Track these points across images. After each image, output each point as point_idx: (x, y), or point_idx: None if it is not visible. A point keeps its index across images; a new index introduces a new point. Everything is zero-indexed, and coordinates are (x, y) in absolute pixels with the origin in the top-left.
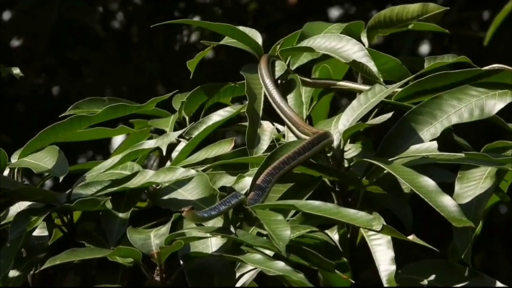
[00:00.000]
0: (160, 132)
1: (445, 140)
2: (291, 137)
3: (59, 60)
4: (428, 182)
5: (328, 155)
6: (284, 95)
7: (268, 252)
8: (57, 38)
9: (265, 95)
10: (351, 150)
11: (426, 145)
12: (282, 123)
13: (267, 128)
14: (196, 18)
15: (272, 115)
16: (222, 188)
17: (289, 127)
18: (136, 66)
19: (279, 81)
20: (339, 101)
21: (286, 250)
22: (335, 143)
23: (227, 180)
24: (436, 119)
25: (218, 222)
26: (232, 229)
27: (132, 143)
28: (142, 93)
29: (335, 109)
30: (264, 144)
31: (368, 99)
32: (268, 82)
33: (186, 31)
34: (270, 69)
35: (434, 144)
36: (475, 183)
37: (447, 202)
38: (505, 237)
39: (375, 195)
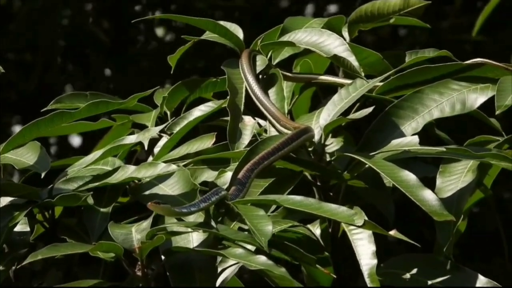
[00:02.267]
0: (142, 127)
1: (427, 134)
2: (273, 132)
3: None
4: (409, 177)
5: (310, 149)
6: (265, 90)
7: (249, 246)
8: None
9: (246, 90)
10: (333, 145)
11: (408, 140)
12: (264, 118)
13: (249, 123)
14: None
15: (253, 110)
16: (204, 183)
17: (270, 122)
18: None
19: (260, 76)
20: (320, 95)
21: (268, 245)
22: (316, 138)
23: (208, 175)
24: (418, 114)
25: (199, 217)
26: (213, 224)
27: (114, 137)
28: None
29: (316, 104)
30: (246, 138)
31: (350, 94)
32: (250, 77)
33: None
34: (252, 64)
35: (415, 138)
36: (456, 177)
37: (428, 196)
38: None
39: (357, 189)
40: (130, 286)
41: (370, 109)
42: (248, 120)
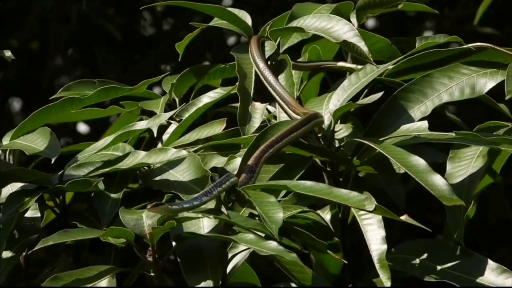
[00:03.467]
0: (151, 114)
1: (438, 117)
2: (282, 117)
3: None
4: (419, 162)
5: (319, 135)
6: (274, 76)
7: (260, 232)
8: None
9: (256, 75)
10: (342, 131)
11: (417, 125)
12: (273, 103)
13: (259, 107)
14: None
15: (262, 97)
16: (214, 169)
17: (280, 105)
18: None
19: (269, 62)
20: (329, 81)
21: (278, 233)
22: (326, 123)
23: (218, 161)
24: (427, 97)
25: (210, 203)
26: (224, 210)
27: (123, 124)
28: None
29: (325, 90)
30: (256, 122)
31: (359, 79)
32: (259, 61)
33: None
34: (261, 49)
35: (425, 123)
36: (467, 163)
37: (438, 181)
38: None
39: (367, 175)
40: (141, 272)
41: (379, 94)
42: (258, 104)
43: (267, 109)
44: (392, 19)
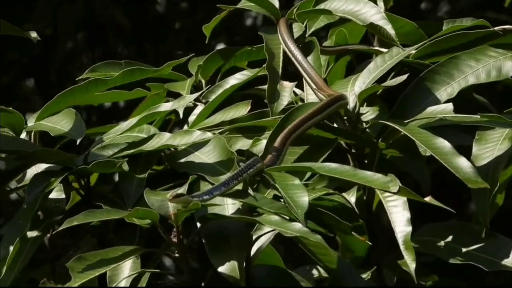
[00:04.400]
0: (176, 96)
1: (465, 99)
2: (310, 100)
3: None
4: (444, 144)
5: (344, 117)
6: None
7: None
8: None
9: (284, 54)
10: (368, 113)
11: (442, 107)
12: (300, 86)
13: (287, 85)
14: None
15: (289, 79)
16: (239, 152)
17: (307, 82)
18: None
19: None
20: (355, 64)
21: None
22: (351, 105)
23: (243, 143)
24: (453, 79)
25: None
26: (250, 191)
27: (149, 106)
28: None
29: (351, 73)
30: (284, 100)
31: (385, 61)
32: (289, 40)
33: None
34: (289, 30)
35: (450, 106)
36: (493, 145)
37: (463, 164)
38: None
39: (391, 156)
40: (166, 253)
41: (404, 77)
42: (286, 83)
43: (294, 91)
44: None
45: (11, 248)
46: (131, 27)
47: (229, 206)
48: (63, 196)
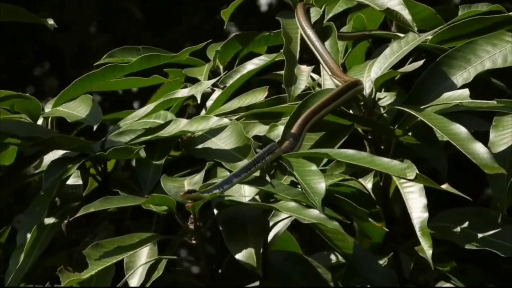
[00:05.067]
0: (194, 81)
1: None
2: (327, 85)
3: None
4: (460, 130)
5: (361, 103)
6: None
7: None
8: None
9: (301, 39)
10: (386, 99)
11: (458, 93)
12: (317, 70)
13: (305, 69)
14: None
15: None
16: (256, 137)
17: (323, 67)
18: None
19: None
20: (373, 50)
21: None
22: (367, 91)
23: (260, 129)
24: (470, 64)
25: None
26: (268, 178)
27: (167, 91)
28: None
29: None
30: (302, 83)
31: (401, 47)
32: (305, 25)
33: None
34: (307, 15)
35: (466, 91)
36: (510, 131)
37: (479, 149)
38: None
39: (408, 143)
40: (182, 239)
41: (421, 62)
42: (303, 67)
43: (311, 76)
44: None
45: (29, 235)
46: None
47: (246, 192)
48: (80, 182)
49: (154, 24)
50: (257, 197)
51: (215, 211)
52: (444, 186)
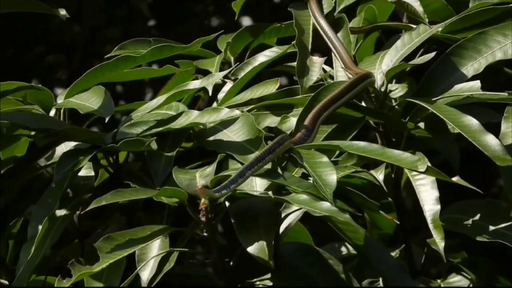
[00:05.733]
0: (205, 74)
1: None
2: (340, 77)
3: None
4: (472, 122)
5: (372, 95)
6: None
7: None
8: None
9: (313, 31)
10: (398, 90)
11: (470, 84)
12: (328, 62)
13: (317, 61)
14: None
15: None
16: (267, 129)
17: (336, 60)
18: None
19: None
20: (384, 41)
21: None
22: (379, 83)
23: (271, 120)
24: (481, 54)
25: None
26: (279, 171)
27: (177, 83)
28: None
29: (380, 50)
30: (314, 75)
31: (412, 39)
32: (318, 15)
33: None
34: (320, 6)
35: (477, 83)
36: None
37: (491, 141)
38: None
39: (420, 135)
40: (194, 232)
41: (432, 54)
42: (316, 58)
43: (323, 68)
44: None
45: (40, 227)
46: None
47: (257, 184)
48: (92, 173)
49: (163, 19)
50: (268, 187)
51: (227, 204)
52: (455, 179)
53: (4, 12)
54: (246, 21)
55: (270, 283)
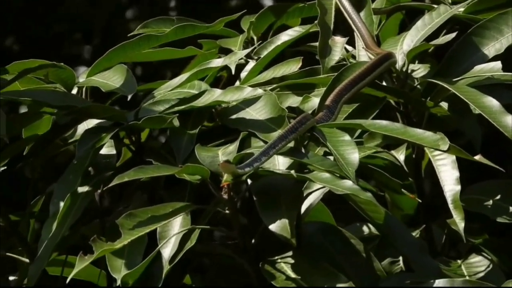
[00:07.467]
0: (228, 53)
1: None
2: (362, 56)
3: None
4: (492, 102)
5: (393, 75)
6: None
7: None
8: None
9: (336, 10)
10: (420, 70)
11: (491, 65)
12: (351, 43)
13: (339, 41)
14: None
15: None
16: (289, 109)
17: (359, 40)
18: None
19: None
20: (407, 21)
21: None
22: (400, 64)
23: (293, 100)
24: (503, 35)
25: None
26: (302, 150)
27: (201, 62)
28: None
29: (403, 30)
30: (336, 55)
31: (433, 19)
32: None
33: None
34: None
35: (498, 64)
36: None
37: (511, 122)
38: None
39: (442, 115)
40: (216, 209)
41: (453, 35)
42: (338, 38)
43: (345, 48)
44: None
45: (62, 203)
46: None
47: (279, 162)
48: (114, 152)
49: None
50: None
51: (249, 181)
52: (477, 157)
53: None
54: (268, 1)
55: (292, 261)
